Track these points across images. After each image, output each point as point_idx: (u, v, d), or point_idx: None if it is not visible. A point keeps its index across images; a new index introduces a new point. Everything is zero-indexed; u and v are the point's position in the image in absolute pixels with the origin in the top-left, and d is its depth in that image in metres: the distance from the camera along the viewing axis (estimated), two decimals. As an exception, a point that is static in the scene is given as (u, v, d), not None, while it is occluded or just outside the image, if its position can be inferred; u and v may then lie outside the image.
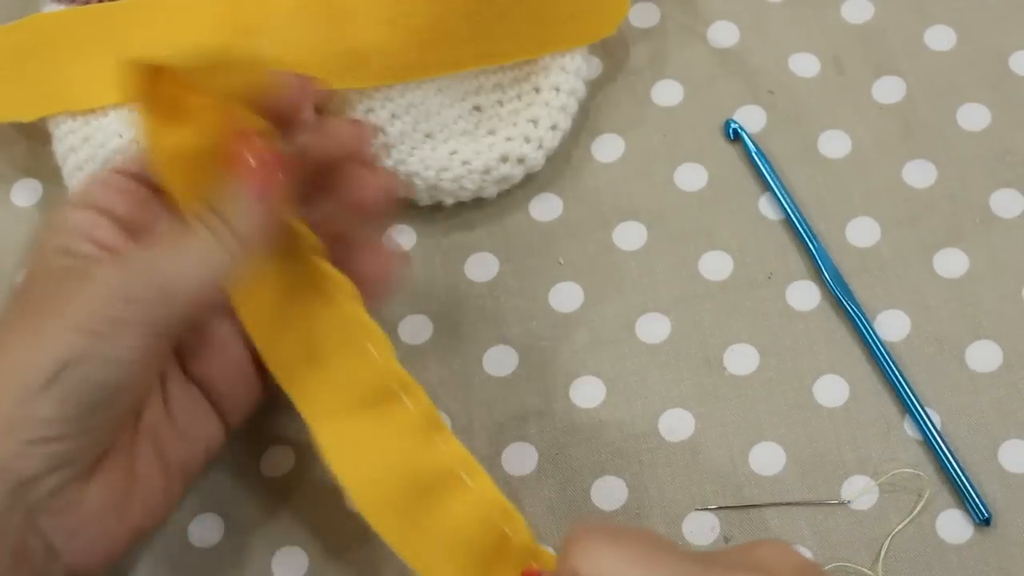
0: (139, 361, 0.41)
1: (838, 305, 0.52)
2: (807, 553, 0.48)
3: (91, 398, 0.40)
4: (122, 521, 0.43)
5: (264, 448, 0.51)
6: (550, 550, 0.49)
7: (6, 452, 0.39)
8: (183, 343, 0.46)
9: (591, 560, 0.39)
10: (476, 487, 0.45)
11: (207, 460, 0.46)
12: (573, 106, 0.56)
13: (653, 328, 0.53)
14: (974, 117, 0.56)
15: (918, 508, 0.49)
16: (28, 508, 0.40)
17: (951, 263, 0.53)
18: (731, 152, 0.56)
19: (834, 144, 0.56)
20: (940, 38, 0.58)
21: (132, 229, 0.44)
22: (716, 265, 0.54)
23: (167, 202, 0.45)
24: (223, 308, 0.46)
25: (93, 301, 0.40)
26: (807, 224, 0.54)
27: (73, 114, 0.54)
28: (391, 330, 0.53)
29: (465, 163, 0.54)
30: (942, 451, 0.49)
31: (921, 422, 0.50)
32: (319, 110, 0.47)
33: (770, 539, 0.47)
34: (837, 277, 0.53)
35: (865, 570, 0.48)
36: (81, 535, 0.41)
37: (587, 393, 0.52)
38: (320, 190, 0.46)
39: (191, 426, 0.45)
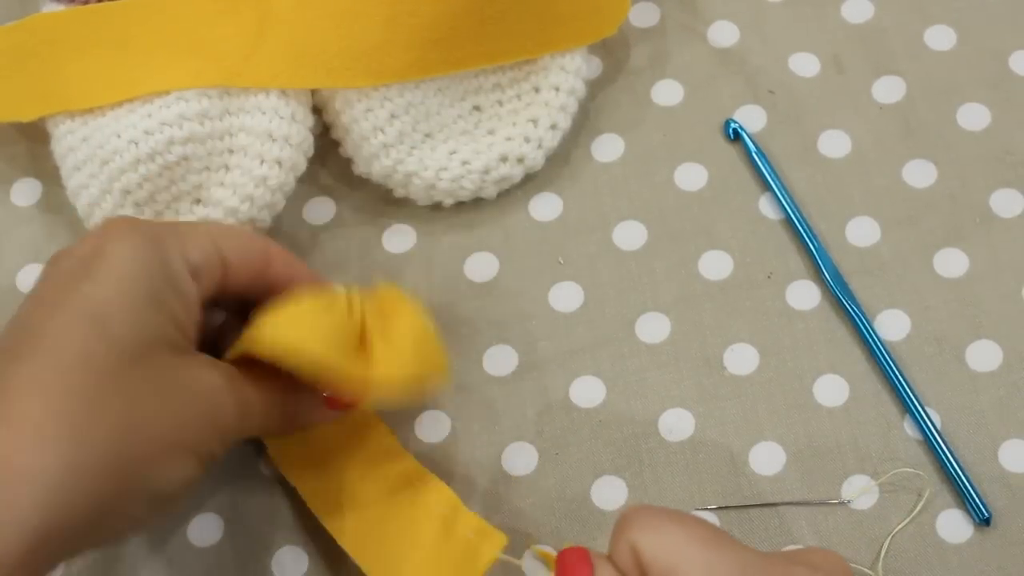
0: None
1: (838, 305, 0.52)
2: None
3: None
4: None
5: (264, 448, 0.51)
6: (550, 550, 0.49)
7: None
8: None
9: (652, 536, 0.38)
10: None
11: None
12: (573, 106, 0.56)
13: (653, 328, 0.53)
14: (974, 117, 0.56)
15: (918, 508, 0.49)
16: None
17: (951, 263, 0.53)
18: (731, 152, 0.56)
19: (834, 144, 0.56)
20: (940, 38, 0.58)
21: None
22: (716, 265, 0.54)
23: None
24: None
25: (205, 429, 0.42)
26: (807, 224, 0.54)
27: (72, 114, 0.53)
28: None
29: (465, 163, 0.54)
30: (942, 451, 0.49)
31: (921, 422, 0.50)
32: None
33: (821, 547, 0.47)
34: (837, 277, 0.53)
35: (865, 570, 0.48)
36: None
37: (587, 393, 0.52)
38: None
39: None
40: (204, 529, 0.50)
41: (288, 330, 0.43)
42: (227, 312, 0.48)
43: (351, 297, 0.46)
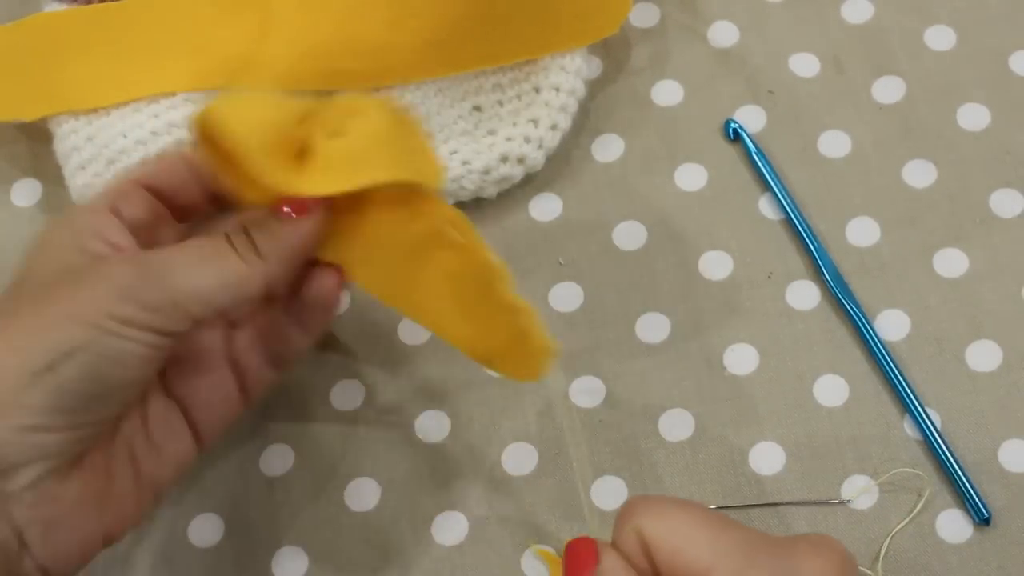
0: (139, 362, 0.41)
1: (838, 305, 0.52)
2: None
3: (85, 392, 0.40)
4: (96, 522, 0.43)
5: (264, 448, 0.51)
6: (550, 550, 0.49)
7: None
8: (170, 362, 0.45)
9: (656, 521, 0.39)
10: (466, 241, 0.45)
11: (177, 477, 0.46)
12: (573, 106, 0.56)
13: (653, 328, 0.53)
14: (974, 117, 0.56)
15: (918, 508, 0.49)
16: (4, 496, 0.40)
17: (951, 263, 0.53)
18: (731, 152, 0.56)
19: (834, 144, 0.56)
20: (940, 38, 0.58)
21: (142, 237, 0.44)
22: (716, 265, 0.54)
23: (177, 215, 0.46)
24: (224, 323, 0.47)
25: (103, 297, 0.40)
26: (807, 224, 0.54)
27: (75, 113, 0.54)
28: (391, 330, 0.53)
29: (465, 163, 0.54)
30: (942, 451, 0.49)
31: (921, 422, 0.50)
32: None
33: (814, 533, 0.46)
34: (837, 277, 0.53)
35: (865, 570, 0.48)
36: (55, 530, 0.41)
37: (587, 393, 0.52)
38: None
39: (165, 442, 0.45)
40: (204, 529, 0.50)
41: (226, 109, 0.42)
42: None
43: (311, 107, 0.44)
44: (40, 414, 0.40)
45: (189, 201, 0.46)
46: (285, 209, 0.43)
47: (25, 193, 0.57)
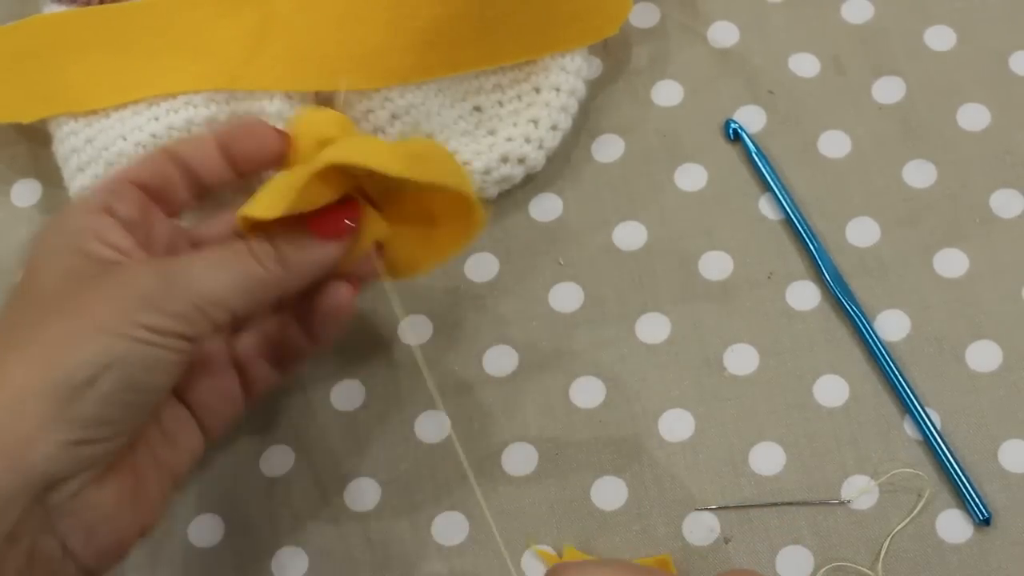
0: (170, 367, 0.41)
1: (838, 305, 0.52)
2: (807, 553, 0.48)
3: (124, 401, 0.40)
4: (131, 518, 0.43)
5: (264, 448, 0.52)
6: (550, 550, 0.49)
7: (38, 455, 0.39)
8: None
9: None
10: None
11: (193, 464, 0.46)
12: (573, 106, 0.56)
13: (653, 328, 0.53)
14: (974, 117, 0.56)
15: (918, 508, 0.49)
16: (48, 510, 0.40)
17: (951, 263, 0.53)
18: (731, 152, 0.56)
19: (834, 144, 0.56)
20: (940, 38, 0.58)
21: (137, 234, 0.44)
22: (716, 265, 0.54)
23: (168, 211, 0.46)
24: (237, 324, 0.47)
25: (131, 307, 0.41)
26: (807, 224, 0.54)
27: (75, 115, 0.53)
28: (391, 331, 0.53)
29: (465, 163, 0.54)
30: (942, 451, 0.49)
31: (921, 422, 0.50)
32: None
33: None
34: (837, 277, 0.53)
35: (865, 570, 0.48)
36: (96, 534, 0.42)
37: (587, 393, 0.52)
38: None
39: (178, 436, 0.46)
40: (204, 529, 0.50)
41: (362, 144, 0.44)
42: None
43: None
44: (84, 427, 0.40)
45: (176, 196, 0.46)
46: (326, 228, 0.44)
47: (25, 194, 0.57)
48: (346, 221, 0.44)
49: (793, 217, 0.54)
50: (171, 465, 0.45)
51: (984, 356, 0.51)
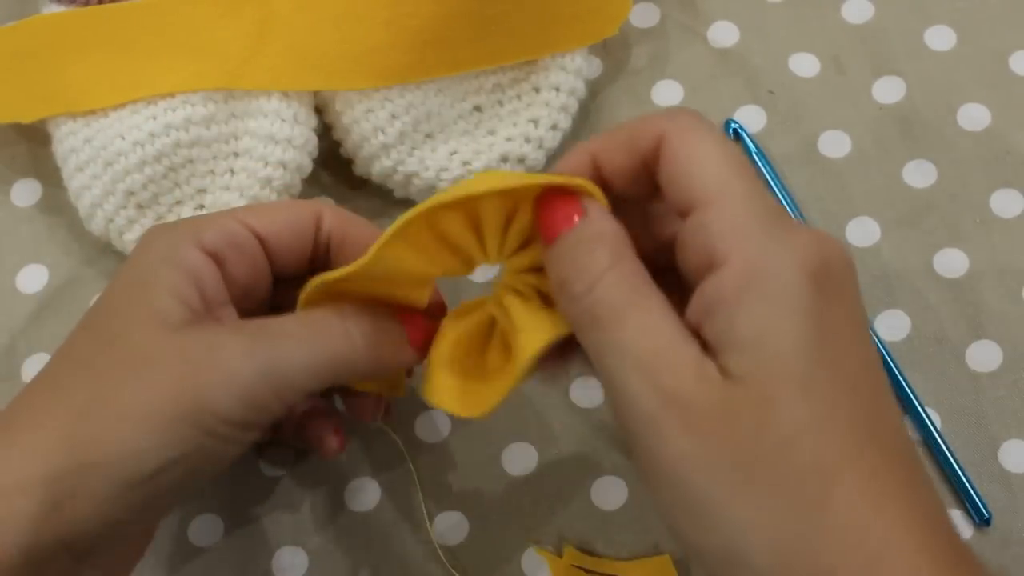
0: (234, 457, 0.41)
1: (838, 305, 0.52)
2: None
3: (178, 491, 0.40)
4: (145, 546, 0.44)
5: (264, 448, 0.51)
6: (550, 550, 0.49)
7: (85, 511, 0.38)
8: None
9: (693, 142, 0.36)
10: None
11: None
12: (573, 106, 0.56)
13: (653, 328, 0.53)
14: (974, 117, 0.56)
15: (918, 508, 0.49)
16: (76, 557, 0.39)
17: (951, 263, 0.53)
18: (731, 152, 0.56)
19: (834, 144, 0.56)
20: (940, 38, 0.58)
21: (236, 292, 0.43)
22: (716, 265, 0.54)
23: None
24: None
25: (223, 398, 0.39)
26: (807, 224, 0.54)
27: (73, 115, 0.53)
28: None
29: (465, 163, 0.54)
30: (942, 451, 0.49)
31: (921, 422, 0.50)
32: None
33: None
34: (837, 277, 0.53)
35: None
36: (116, 573, 0.42)
37: (587, 393, 0.52)
38: None
39: None
40: (204, 529, 0.50)
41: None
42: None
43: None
44: (132, 512, 0.39)
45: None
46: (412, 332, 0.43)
47: (25, 194, 0.57)
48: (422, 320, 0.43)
49: (793, 217, 0.54)
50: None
51: (984, 356, 0.51)
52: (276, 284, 0.45)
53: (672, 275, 0.38)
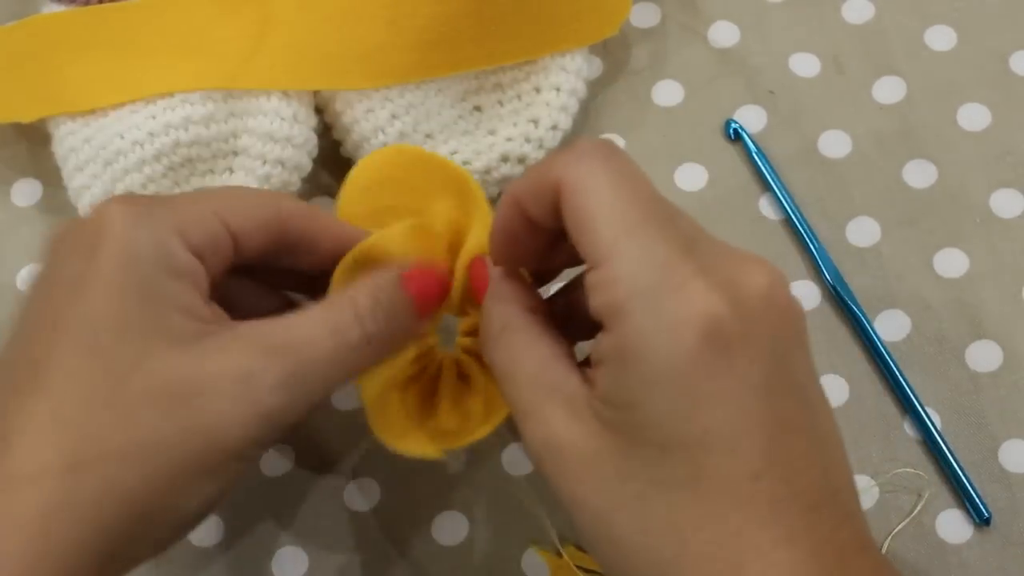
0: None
1: (838, 305, 0.52)
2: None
3: (195, 518, 0.40)
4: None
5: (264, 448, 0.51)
6: (550, 550, 0.49)
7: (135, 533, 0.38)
8: None
9: (582, 177, 0.37)
10: None
11: None
12: (574, 106, 0.56)
13: (653, 328, 0.53)
14: (974, 117, 0.56)
15: (918, 508, 0.49)
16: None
17: (951, 263, 0.53)
18: (731, 152, 0.56)
19: (834, 144, 0.56)
20: (940, 38, 0.58)
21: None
22: (716, 265, 0.54)
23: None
24: None
25: (251, 422, 0.38)
26: (807, 224, 0.54)
27: (73, 115, 0.53)
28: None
29: (466, 163, 0.54)
30: (942, 451, 0.49)
31: (921, 422, 0.50)
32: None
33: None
34: (837, 277, 0.53)
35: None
36: None
37: (587, 393, 0.52)
38: None
39: None
40: (204, 529, 0.50)
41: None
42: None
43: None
44: (147, 549, 0.39)
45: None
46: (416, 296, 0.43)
47: (25, 194, 0.57)
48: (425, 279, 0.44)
49: (793, 217, 0.54)
50: None
51: (984, 356, 0.51)
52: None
53: None
